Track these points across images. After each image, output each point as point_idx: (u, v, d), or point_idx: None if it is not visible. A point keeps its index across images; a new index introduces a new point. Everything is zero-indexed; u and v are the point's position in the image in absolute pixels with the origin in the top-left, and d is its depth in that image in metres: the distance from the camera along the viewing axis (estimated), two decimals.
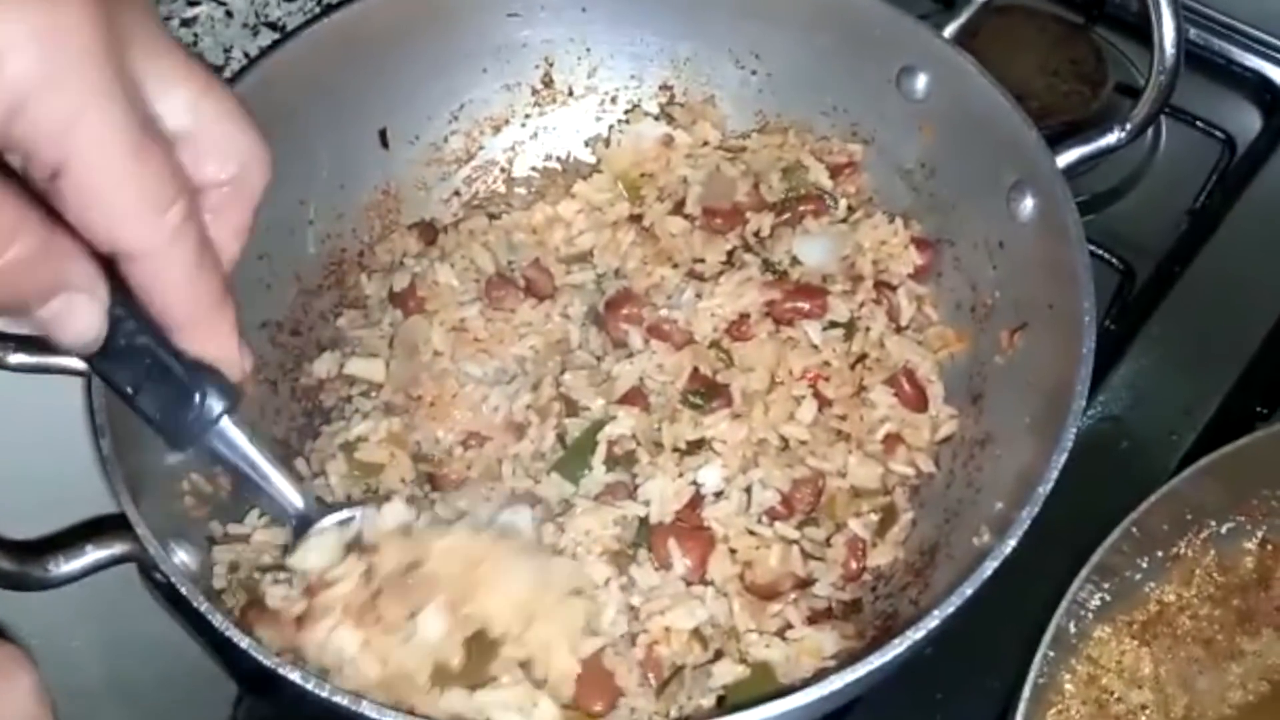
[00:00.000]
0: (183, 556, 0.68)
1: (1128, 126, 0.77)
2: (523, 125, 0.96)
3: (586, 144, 0.96)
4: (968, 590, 0.61)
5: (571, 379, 0.79)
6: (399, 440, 0.80)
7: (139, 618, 0.92)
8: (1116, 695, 0.72)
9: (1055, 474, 0.65)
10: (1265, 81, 1.12)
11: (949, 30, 0.82)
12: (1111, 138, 0.78)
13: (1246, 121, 1.12)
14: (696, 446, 0.76)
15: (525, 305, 0.84)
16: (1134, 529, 0.71)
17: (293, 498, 0.65)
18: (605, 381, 0.79)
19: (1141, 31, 0.78)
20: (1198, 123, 1.07)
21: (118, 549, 0.65)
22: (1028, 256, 0.79)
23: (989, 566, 0.62)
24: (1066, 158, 0.77)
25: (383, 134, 0.92)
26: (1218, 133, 1.07)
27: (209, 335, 0.55)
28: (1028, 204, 0.78)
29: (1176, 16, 0.75)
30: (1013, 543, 0.62)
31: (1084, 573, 0.70)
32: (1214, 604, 0.76)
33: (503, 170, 0.97)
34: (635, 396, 0.79)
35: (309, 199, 0.89)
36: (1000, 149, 0.79)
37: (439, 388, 0.80)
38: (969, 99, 0.81)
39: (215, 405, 0.58)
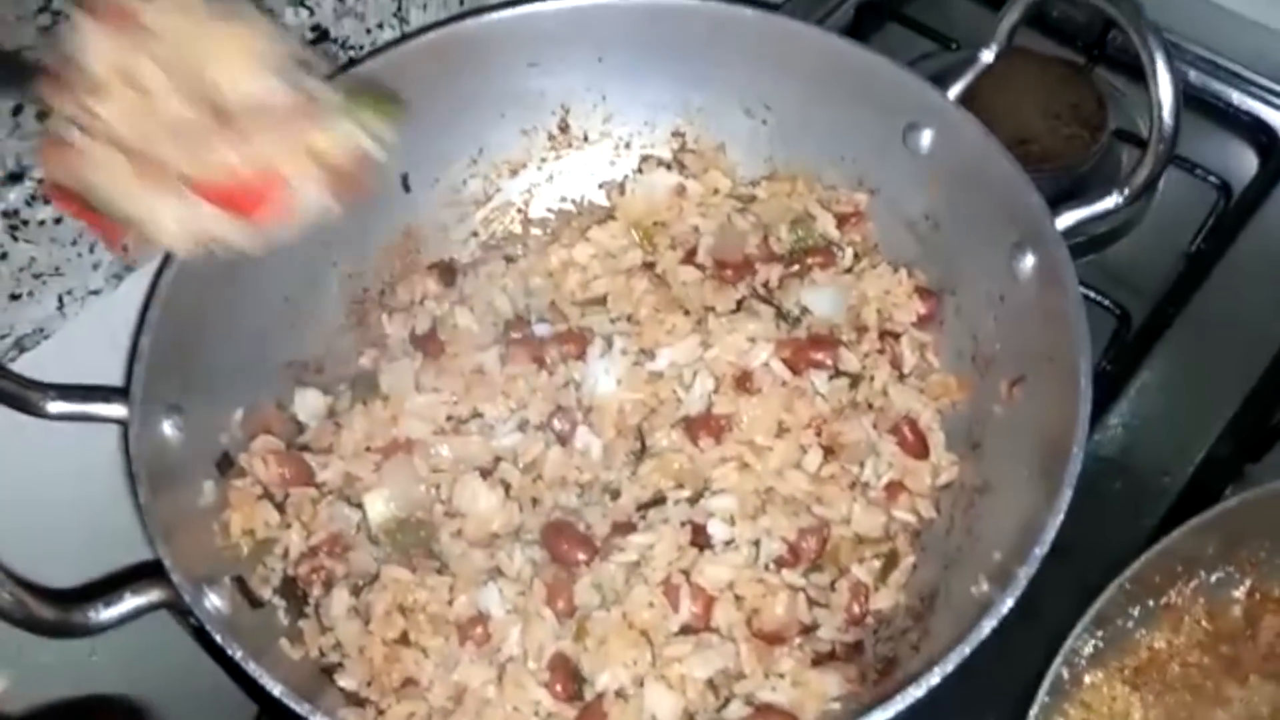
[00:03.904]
0: (215, 600, 0.71)
1: (1126, 191, 0.80)
2: (539, 168, 0.99)
3: (600, 186, 0.99)
4: (967, 649, 0.64)
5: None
6: None
7: (158, 632, 0.95)
8: None
9: (1052, 536, 0.68)
10: (1262, 125, 1.15)
11: (954, 90, 0.85)
12: (1110, 201, 0.80)
13: (1243, 164, 1.15)
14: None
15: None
16: (1126, 583, 0.74)
17: None
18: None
19: (1142, 72, 0.80)
20: (1195, 170, 1.09)
21: (155, 595, 0.68)
22: (1028, 312, 0.82)
23: (988, 625, 0.65)
24: (1066, 220, 0.79)
25: (405, 178, 0.95)
26: (1213, 179, 1.10)
27: None
28: (1028, 262, 0.81)
29: (1175, 87, 0.77)
30: (1010, 602, 0.66)
31: (1080, 625, 0.73)
32: (1202, 651, 0.79)
33: (519, 211, 1.00)
34: None
35: (333, 241, 0.92)
36: (1003, 208, 0.82)
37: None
38: (973, 158, 0.83)
39: None
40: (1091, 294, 0.98)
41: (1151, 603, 0.79)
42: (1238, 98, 1.17)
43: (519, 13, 0.90)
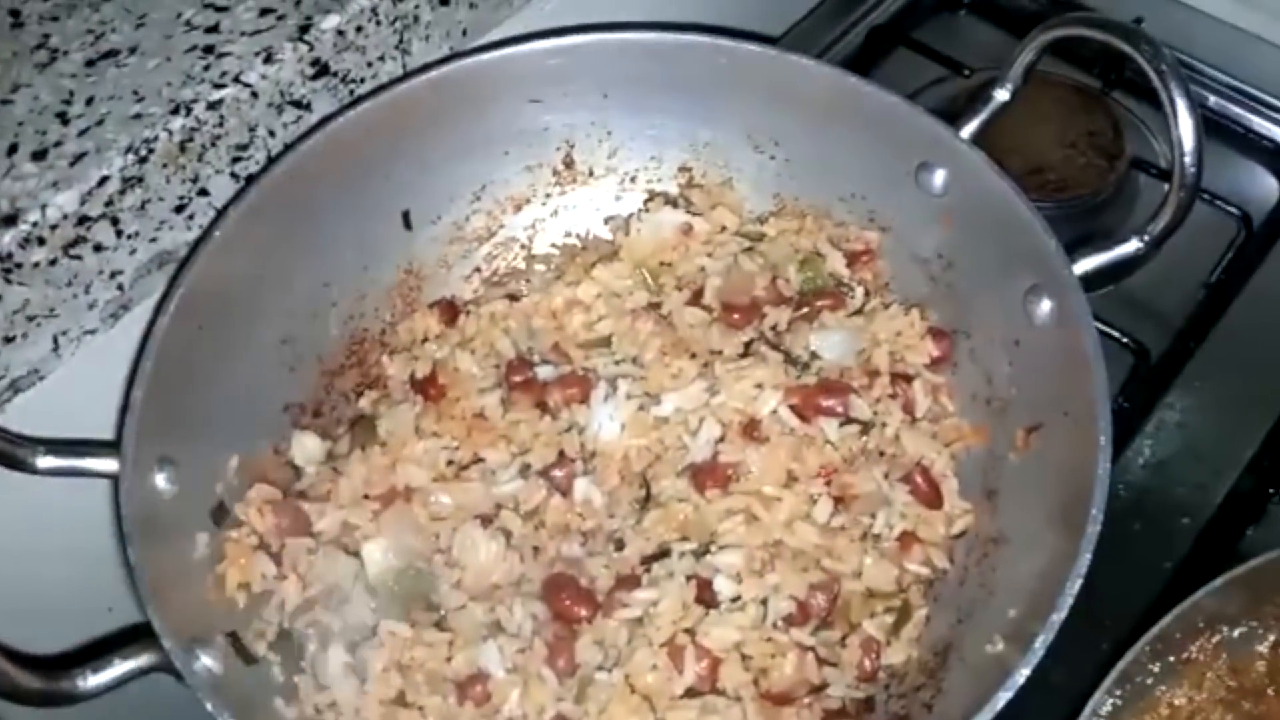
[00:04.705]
0: (207, 661, 0.69)
1: (1147, 237, 0.78)
2: (543, 204, 0.97)
3: (606, 221, 0.97)
4: None
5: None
6: None
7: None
8: None
9: (1070, 601, 0.65)
10: None
11: (968, 130, 0.83)
12: (1130, 247, 0.78)
13: (1263, 191, 1.12)
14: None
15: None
16: (1148, 644, 0.72)
17: None
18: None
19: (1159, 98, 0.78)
20: (1215, 200, 1.07)
21: (145, 660, 0.66)
22: (1044, 359, 0.79)
23: (1003, 697, 0.63)
24: (1084, 266, 0.77)
25: (406, 215, 0.93)
26: (1233, 208, 1.07)
27: None
28: (1044, 308, 0.79)
29: (1197, 131, 0.75)
30: (1027, 671, 0.63)
31: (1101, 689, 0.71)
32: (1225, 708, 0.77)
33: (523, 247, 0.98)
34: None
35: (333, 281, 0.90)
36: (1018, 252, 0.80)
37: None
38: (988, 200, 0.81)
39: None
40: (1107, 329, 0.95)
41: (1172, 658, 0.76)
42: (1258, 123, 1.15)
43: (522, 50, 0.88)
